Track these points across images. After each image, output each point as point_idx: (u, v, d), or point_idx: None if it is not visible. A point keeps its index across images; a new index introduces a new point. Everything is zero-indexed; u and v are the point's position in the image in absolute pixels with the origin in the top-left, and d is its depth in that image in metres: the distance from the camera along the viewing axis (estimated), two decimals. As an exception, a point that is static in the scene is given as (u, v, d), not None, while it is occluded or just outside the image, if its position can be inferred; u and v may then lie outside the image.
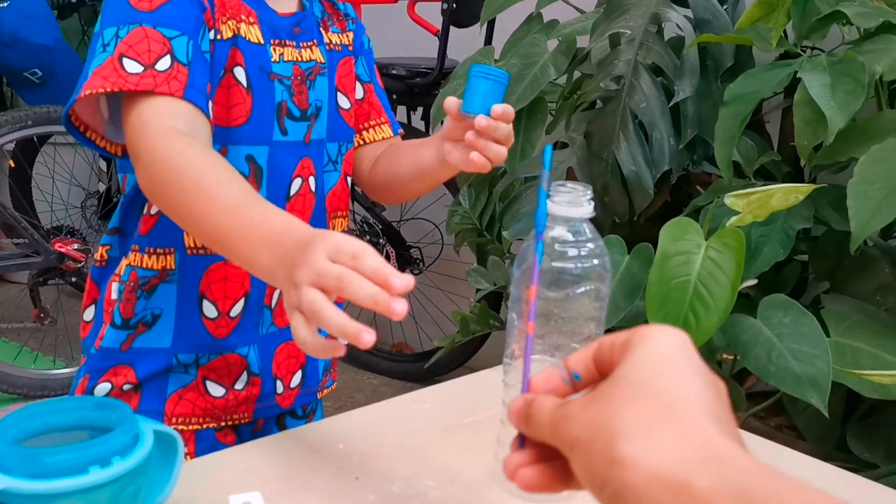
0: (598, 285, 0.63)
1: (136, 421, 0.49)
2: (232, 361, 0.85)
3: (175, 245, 0.82)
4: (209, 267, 0.83)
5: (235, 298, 0.84)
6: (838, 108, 1.05)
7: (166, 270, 0.83)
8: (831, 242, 1.21)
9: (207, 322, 0.84)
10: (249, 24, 0.81)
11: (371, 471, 0.68)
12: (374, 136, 0.97)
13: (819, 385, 0.93)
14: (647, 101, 1.38)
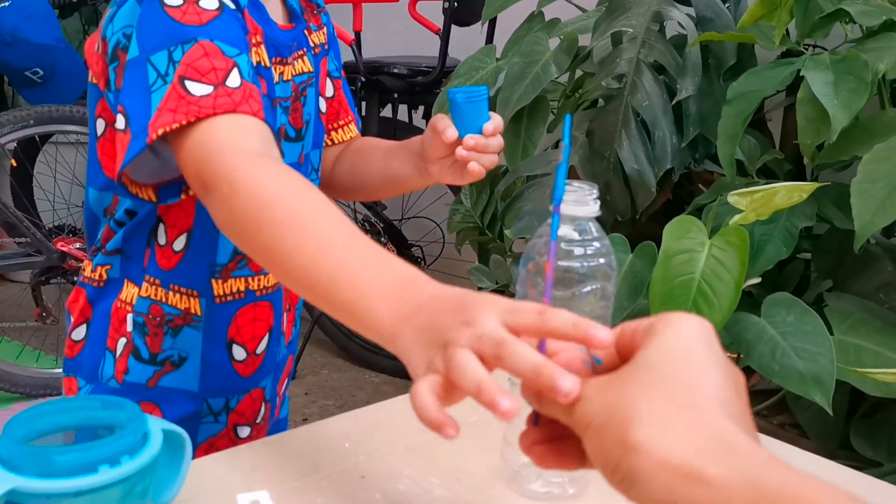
0: (604, 284, 0.63)
1: (145, 420, 0.49)
2: (256, 396, 0.85)
3: (200, 289, 0.78)
4: (238, 311, 0.80)
5: (262, 336, 0.83)
6: (841, 107, 1.05)
7: (190, 314, 0.79)
8: (834, 240, 1.21)
9: (237, 365, 0.82)
10: (257, 45, 0.74)
11: (377, 469, 0.68)
12: (342, 137, 0.94)
13: (823, 383, 0.93)
14: (649, 99, 1.38)
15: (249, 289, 0.81)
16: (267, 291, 0.82)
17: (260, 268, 0.80)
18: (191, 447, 0.55)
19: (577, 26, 1.66)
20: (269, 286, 0.82)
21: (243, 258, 0.79)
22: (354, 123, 0.95)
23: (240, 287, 0.80)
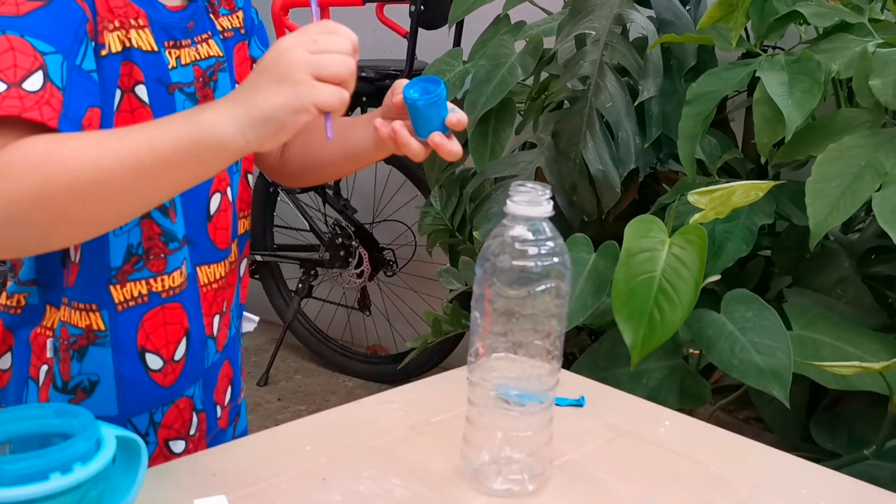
0: (559, 283, 0.64)
1: (98, 427, 0.49)
2: (182, 407, 0.80)
3: (99, 301, 0.73)
4: (144, 317, 0.75)
5: (177, 341, 0.78)
6: (795, 107, 1.07)
7: (94, 331, 0.73)
8: (793, 237, 1.23)
9: (155, 375, 0.77)
10: (139, 28, 0.70)
11: (338, 471, 0.68)
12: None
13: (780, 377, 0.95)
14: (612, 100, 1.40)
15: (153, 291, 0.75)
16: (174, 292, 0.76)
17: (161, 267, 0.74)
18: (146, 453, 0.55)
19: (542, 29, 1.67)
20: (175, 286, 0.76)
21: (140, 259, 0.73)
22: None
23: (141, 290, 0.74)
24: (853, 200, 0.98)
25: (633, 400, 0.87)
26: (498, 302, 0.64)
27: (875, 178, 0.98)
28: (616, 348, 1.12)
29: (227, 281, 0.82)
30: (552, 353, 0.66)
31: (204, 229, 0.78)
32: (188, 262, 0.77)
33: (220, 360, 0.84)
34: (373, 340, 2.63)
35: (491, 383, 0.66)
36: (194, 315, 0.79)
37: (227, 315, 0.84)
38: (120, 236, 0.72)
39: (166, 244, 0.74)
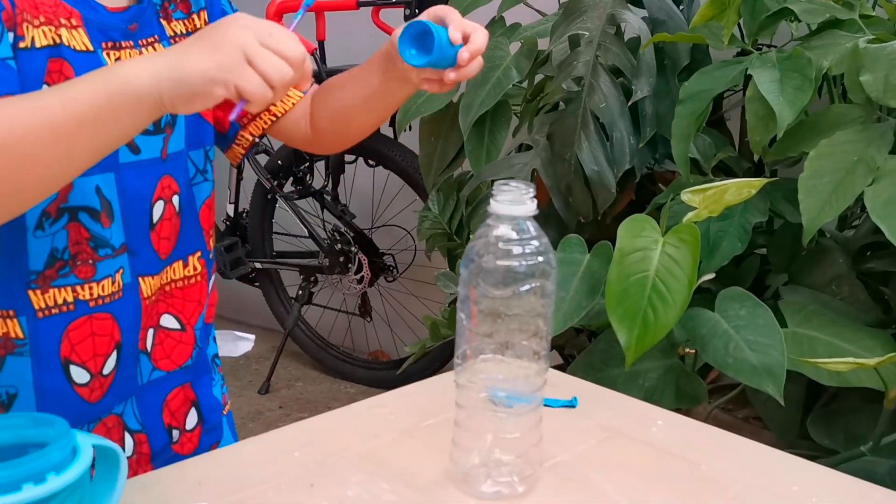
0: (544, 282, 0.64)
1: (73, 435, 0.49)
2: (111, 425, 0.76)
3: (17, 307, 0.69)
4: (69, 326, 0.71)
5: (107, 354, 0.73)
6: (787, 104, 1.06)
7: (11, 339, 0.70)
8: (788, 235, 1.23)
9: (80, 389, 0.73)
10: (72, 27, 0.68)
11: (326, 477, 0.68)
12: (284, 107, 0.87)
13: (774, 374, 0.95)
14: (606, 101, 1.40)
15: (79, 299, 0.71)
16: (103, 301, 0.72)
17: (89, 274, 0.71)
18: (126, 462, 0.55)
19: (536, 30, 1.67)
20: (106, 295, 0.72)
21: (66, 264, 0.70)
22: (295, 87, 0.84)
23: (66, 298, 0.70)
24: (845, 196, 0.98)
25: (625, 400, 0.86)
26: (483, 303, 0.64)
27: (867, 172, 0.98)
28: (611, 349, 1.11)
29: (164, 293, 0.79)
30: (539, 353, 0.66)
31: (146, 238, 0.75)
32: (126, 272, 0.74)
33: (169, 382, 0.80)
34: (374, 346, 2.63)
35: (479, 385, 0.66)
36: (129, 328, 0.75)
37: (189, 332, 0.81)
38: (42, 238, 0.69)
39: (95, 250, 0.71)
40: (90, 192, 0.70)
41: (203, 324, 0.83)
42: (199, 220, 0.81)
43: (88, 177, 0.69)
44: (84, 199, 0.70)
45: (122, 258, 0.73)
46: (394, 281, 2.43)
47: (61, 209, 0.69)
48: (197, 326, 0.82)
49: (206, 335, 0.85)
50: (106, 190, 0.72)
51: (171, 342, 0.80)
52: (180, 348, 0.81)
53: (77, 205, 0.70)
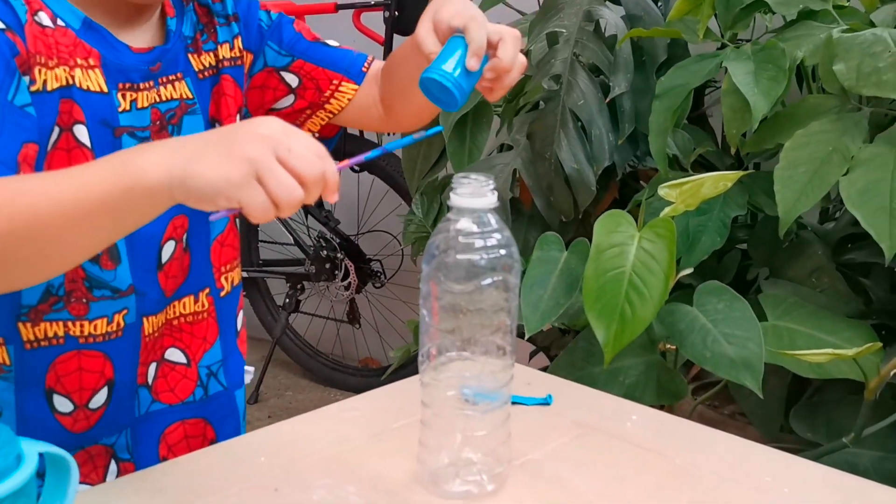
0: (506, 276, 0.62)
1: (17, 442, 0.48)
2: (95, 453, 0.75)
3: (6, 336, 0.69)
4: (57, 359, 0.71)
5: (94, 389, 0.73)
6: (762, 95, 1.06)
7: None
8: (768, 229, 1.22)
9: (62, 418, 0.72)
10: (88, 68, 0.68)
11: (291, 482, 0.67)
12: (339, 104, 0.84)
13: (752, 367, 0.94)
14: (584, 98, 1.39)
15: (70, 335, 0.71)
16: (95, 340, 0.72)
17: (81, 312, 0.71)
18: (77, 469, 0.53)
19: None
20: (99, 334, 0.72)
21: (60, 300, 0.70)
22: (349, 80, 0.84)
23: (57, 332, 0.71)
24: (821, 185, 0.97)
25: (601, 397, 0.85)
26: (445, 298, 0.62)
27: (842, 162, 0.97)
28: (592, 347, 1.10)
29: (171, 327, 0.78)
30: (504, 349, 0.64)
31: (154, 278, 0.75)
32: (131, 312, 0.73)
33: (170, 415, 0.79)
34: (363, 353, 2.61)
35: (444, 383, 0.65)
36: (125, 366, 0.74)
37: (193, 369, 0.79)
38: None
39: (90, 290, 0.71)
40: None
41: (233, 357, 0.82)
42: (209, 257, 0.80)
43: None
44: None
45: (127, 300, 0.73)
46: (382, 287, 2.42)
47: None
48: (201, 364, 0.81)
49: (233, 371, 0.83)
50: None
51: (175, 376, 0.79)
52: (184, 383, 0.80)
53: None
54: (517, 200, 1.61)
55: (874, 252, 1.11)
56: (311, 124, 0.87)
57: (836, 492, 0.66)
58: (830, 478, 0.68)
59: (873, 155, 0.97)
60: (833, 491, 0.66)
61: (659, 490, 0.66)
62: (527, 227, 1.53)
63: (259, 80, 0.84)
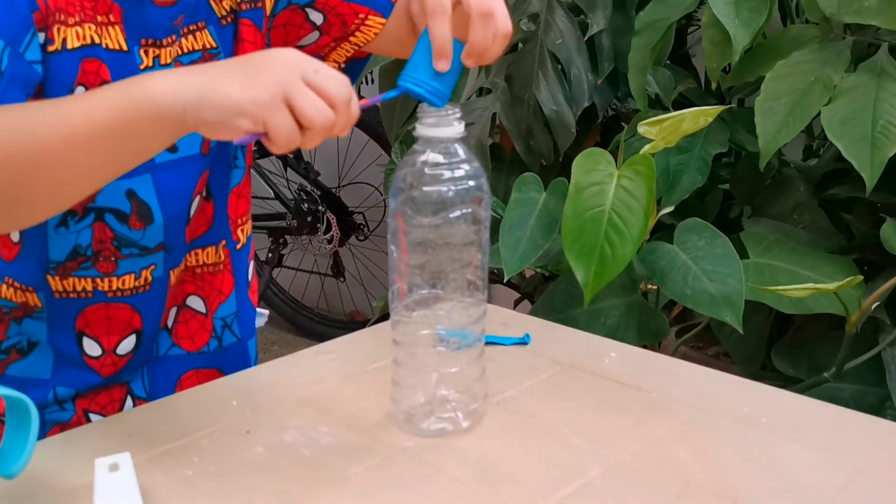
0: (475, 208, 0.60)
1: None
2: (116, 395, 0.76)
3: (36, 285, 0.70)
4: (84, 309, 0.72)
5: (122, 335, 0.74)
6: (742, 26, 1.03)
7: (30, 306, 0.71)
8: (749, 167, 1.20)
9: (91, 361, 0.73)
10: (109, 24, 0.65)
11: (263, 424, 0.65)
12: (364, 38, 0.80)
13: (733, 303, 0.93)
14: (562, 37, 1.36)
15: (99, 290, 0.72)
16: (123, 294, 0.72)
17: (110, 269, 0.71)
18: (37, 413, 0.52)
19: (492, -29, 1.62)
20: (127, 289, 0.72)
21: (87, 259, 0.70)
22: (376, 14, 0.79)
23: (86, 287, 0.71)
24: (802, 116, 0.95)
25: (580, 335, 0.84)
26: (413, 233, 0.61)
27: (824, 92, 0.95)
28: (572, 289, 1.09)
29: (193, 275, 0.78)
30: (476, 284, 0.63)
31: (182, 235, 0.74)
32: (159, 267, 0.73)
33: (187, 362, 0.79)
34: (349, 307, 2.60)
35: (414, 320, 0.63)
36: (151, 315, 0.75)
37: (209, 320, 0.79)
38: (65, 235, 0.68)
39: (119, 248, 0.71)
40: (120, 195, 0.68)
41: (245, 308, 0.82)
42: (226, 208, 0.78)
43: (121, 180, 0.66)
44: (112, 201, 0.69)
45: (156, 256, 0.73)
46: (365, 239, 2.40)
47: (88, 209, 0.68)
48: (217, 315, 0.80)
49: (245, 320, 0.82)
50: (142, 192, 0.69)
51: (194, 324, 0.79)
52: (201, 333, 0.79)
53: (105, 206, 0.69)
54: (498, 146, 1.58)
55: (857, 187, 1.10)
56: (337, 55, 0.83)
57: (815, 420, 0.65)
58: (808, 407, 0.68)
59: (855, 84, 0.95)
60: (812, 419, 0.65)
61: (636, 423, 0.65)
62: (507, 173, 1.51)
63: (283, 19, 0.81)
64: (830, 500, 0.54)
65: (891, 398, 0.98)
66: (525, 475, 0.58)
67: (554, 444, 0.62)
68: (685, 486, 0.56)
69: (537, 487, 0.56)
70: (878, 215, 1.13)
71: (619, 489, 0.56)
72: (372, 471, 0.59)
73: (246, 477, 0.58)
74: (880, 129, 0.91)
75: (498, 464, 0.59)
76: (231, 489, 0.56)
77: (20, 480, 0.53)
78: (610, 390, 0.71)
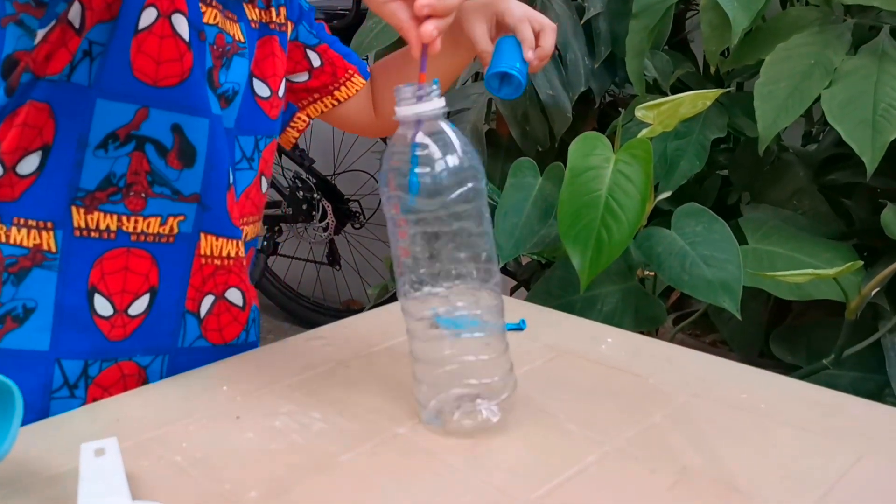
0: (475, 184, 0.58)
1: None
2: (128, 373, 0.72)
3: (56, 219, 0.67)
4: (105, 254, 0.69)
5: (137, 293, 0.71)
6: (741, 9, 1.01)
7: (42, 251, 0.68)
8: (748, 152, 1.19)
9: (100, 321, 0.70)
10: None
11: (254, 409, 0.64)
12: (347, 93, 0.90)
13: (731, 289, 0.92)
14: (558, 20, 1.34)
15: (123, 230, 0.69)
16: (146, 239, 0.70)
17: (138, 206, 0.69)
18: (21, 398, 0.50)
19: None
20: (151, 233, 0.70)
21: (119, 191, 0.68)
22: (360, 75, 0.91)
23: (109, 225, 0.69)
24: (802, 100, 0.94)
25: (576, 321, 0.83)
26: (411, 220, 0.57)
27: (824, 75, 0.93)
28: (568, 275, 1.08)
29: (241, 267, 0.77)
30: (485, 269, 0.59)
31: (222, 196, 0.73)
32: (189, 221, 0.71)
33: (212, 355, 0.76)
34: (345, 295, 2.59)
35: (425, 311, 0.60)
36: (172, 277, 0.72)
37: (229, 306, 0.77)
38: (102, 160, 0.67)
39: (151, 185, 0.69)
40: (164, 127, 0.68)
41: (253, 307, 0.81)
42: (242, 209, 0.78)
43: (169, 112, 0.68)
44: (156, 132, 0.68)
45: (187, 206, 0.71)
46: (361, 227, 2.38)
47: (130, 135, 0.68)
48: (252, 307, 0.80)
49: (252, 321, 0.82)
50: (190, 131, 0.70)
51: (228, 317, 0.77)
52: (233, 326, 0.78)
53: (147, 135, 0.68)
54: (493, 132, 1.57)
55: (856, 172, 1.08)
56: (313, 109, 0.91)
57: (814, 406, 0.64)
58: (807, 393, 0.67)
59: (856, 67, 0.94)
60: (811, 405, 0.64)
61: (632, 409, 0.64)
62: (503, 159, 1.50)
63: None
64: (830, 486, 0.53)
65: (890, 385, 0.97)
66: (520, 461, 0.57)
67: (549, 430, 0.61)
68: (682, 472, 0.55)
69: (532, 474, 0.55)
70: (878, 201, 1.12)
71: (615, 475, 0.55)
72: (364, 457, 0.58)
73: (235, 463, 0.57)
74: (881, 113, 0.90)
75: (492, 450, 0.58)
76: (220, 475, 0.55)
77: (4, 466, 0.52)
78: (606, 376, 0.70)
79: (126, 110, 0.67)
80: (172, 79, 0.67)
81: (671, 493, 0.52)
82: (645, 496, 0.52)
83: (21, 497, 0.52)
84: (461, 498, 0.53)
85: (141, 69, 0.66)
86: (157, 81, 0.67)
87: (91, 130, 0.67)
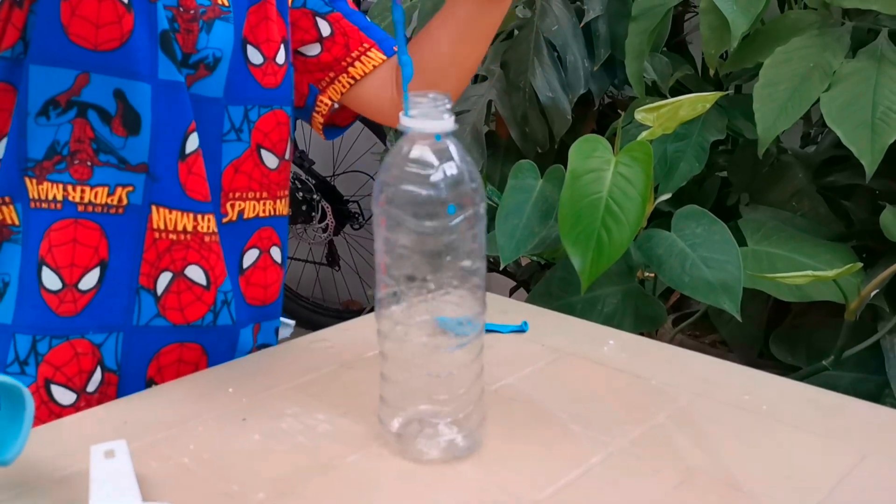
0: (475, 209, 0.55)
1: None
2: (81, 350, 0.70)
3: (14, 193, 0.67)
4: (52, 226, 0.67)
5: (87, 267, 0.68)
6: (741, 12, 1.02)
7: (8, 226, 0.68)
8: (748, 153, 1.19)
9: (48, 296, 0.68)
10: None
11: (260, 411, 0.65)
12: (363, 69, 0.82)
13: (731, 290, 0.92)
14: (558, 23, 1.35)
15: (69, 199, 0.67)
16: (95, 210, 0.67)
17: (84, 175, 0.67)
18: (31, 401, 0.51)
19: (488, -43, 1.60)
20: (98, 204, 0.67)
21: (63, 159, 0.67)
22: (378, 49, 0.82)
23: (56, 195, 0.67)
24: (801, 103, 0.94)
25: (578, 323, 0.84)
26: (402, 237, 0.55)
27: (823, 78, 0.94)
28: (569, 276, 1.08)
29: (202, 243, 0.73)
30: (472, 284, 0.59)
31: (173, 167, 0.70)
32: (138, 192, 0.69)
33: (170, 335, 0.74)
34: (344, 296, 2.60)
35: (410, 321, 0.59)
36: (123, 251, 0.69)
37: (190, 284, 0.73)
38: (44, 127, 0.66)
39: (97, 153, 0.67)
40: (107, 93, 0.66)
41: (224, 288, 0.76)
42: (220, 179, 0.75)
43: (111, 77, 0.66)
44: (98, 97, 0.66)
45: (135, 176, 0.69)
46: (360, 228, 2.39)
47: (71, 101, 0.66)
48: (221, 289, 0.75)
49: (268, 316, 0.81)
50: (132, 96, 0.67)
51: (189, 296, 0.73)
52: (196, 306, 0.74)
53: (89, 101, 0.67)
54: (493, 133, 1.57)
55: (856, 174, 1.09)
56: (333, 91, 0.84)
57: (816, 407, 0.65)
58: (809, 394, 0.67)
59: (855, 70, 0.95)
60: (813, 407, 0.65)
61: (635, 410, 0.64)
62: (503, 160, 1.50)
63: (292, 17, 0.80)
64: (833, 486, 0.54)
65: (889, 386, 0.97)
66: (524, 462, 0.57)
67: (552, 431, 0.61)
68: (686, 472, 0.55)
69: (537, 474, 0.56)
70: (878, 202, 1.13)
71: (619, 476, 0.55)
72: (368, 458, 0.58)
73: (242, 464, 0.57)
74: (880, 116, 0.90)
75: (496, 451, 0.59)
76: (228, 476, 0.56)
77: (14, 468, 0.52)
78: (608, 377, 0.70)
79: (65, 76, 0.65)
80: (112, 42, 0.65)
81: (676, 493, 0.53)
82: (650, 496, 0.53)
83: (32, 499, 0.53)
84: (467, 499, 0.53)
85: (78, 33, 0.64)
86: (97, 46, 0.65)
87: (29, 97, 0.65)
